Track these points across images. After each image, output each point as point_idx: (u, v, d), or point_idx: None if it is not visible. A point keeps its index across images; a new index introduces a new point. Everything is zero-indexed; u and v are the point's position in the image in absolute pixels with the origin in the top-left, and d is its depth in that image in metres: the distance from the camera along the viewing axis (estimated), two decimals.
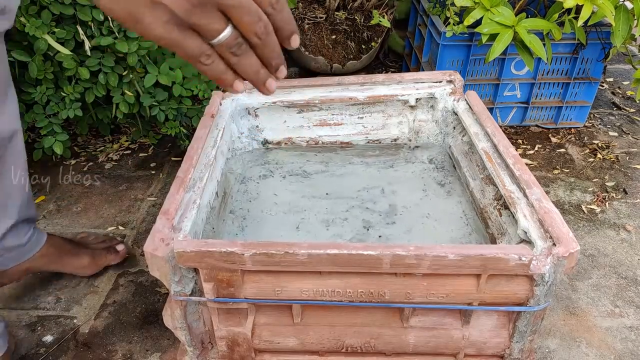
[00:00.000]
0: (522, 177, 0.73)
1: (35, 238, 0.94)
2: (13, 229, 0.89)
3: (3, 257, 0.91)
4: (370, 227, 0.86)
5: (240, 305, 0.68)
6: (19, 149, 0.86)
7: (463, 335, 0.69)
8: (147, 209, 1.22)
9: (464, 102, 0.95)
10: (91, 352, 0.89)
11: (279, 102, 0.98)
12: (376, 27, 1.61)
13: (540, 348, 0.89)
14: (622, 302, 0.98)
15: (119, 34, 1.07)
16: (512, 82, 1.45)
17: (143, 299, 0.99)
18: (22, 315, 0.96)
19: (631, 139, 1.47)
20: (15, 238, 0.91)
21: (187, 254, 0.62)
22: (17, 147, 0.85)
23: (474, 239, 0.82)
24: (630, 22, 1.18)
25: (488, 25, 1.18)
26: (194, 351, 0.73)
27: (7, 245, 0.90)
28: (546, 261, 0.61)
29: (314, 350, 0.73)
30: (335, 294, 0.66)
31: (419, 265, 0.61)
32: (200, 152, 0.80)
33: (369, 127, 1.03)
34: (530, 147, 1.44)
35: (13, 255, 0.92)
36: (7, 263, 0.93)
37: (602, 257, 1.08)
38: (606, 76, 1.81)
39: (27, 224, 0.93)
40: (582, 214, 1.19)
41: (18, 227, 0.90)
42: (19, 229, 0.91)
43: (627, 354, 0.88)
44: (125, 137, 1.48)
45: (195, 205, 0.71)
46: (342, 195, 0.93)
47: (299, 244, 0.62)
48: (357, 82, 0.98)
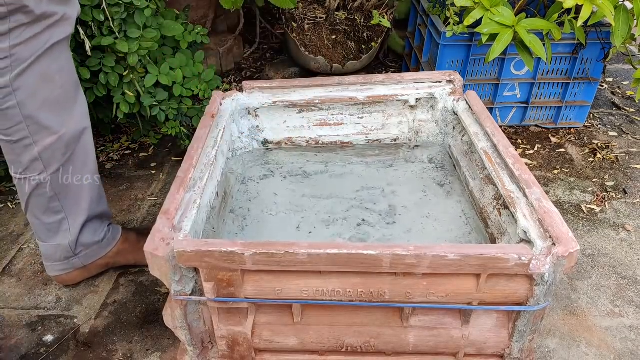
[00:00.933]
0: (522, 177, 0.73)
1: (111, 234, 0.99)
2: (87, 225, 0.94)
3: (83, 254, 0.96)
4: (370, 227, 0.86)
5: (241, 305, 0.68)
6: (88, 144, 0.91)
7: (463, 334, 0.70)
8: (148, 209, 1.22)
9: (464, 102, 0.95)
10: (91, 352, 0.90)
11: (279, 102, 0.98)
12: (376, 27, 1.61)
13: (540, 347, 0.89)
14: (622, 301, 0.98)
15: (119, 34, 1.08)
16: (512, 82, 1.45)
17: (143, 298, 0.99)
18: (22, 315, 0.96)
19: (631, 139, 1.47)
20: (91, 235, 0.96)
21: (188, 254, 0.62)
22: (86, 143, 0.90)
23: (473, 238, 0.82)
24: (630, 22, 1.18)
25: (488, 25, 1.18)
26: (194, 351, 0.73)
27: (85, 242, 0.95)
28: (546, 261, 0.61)
29: (314, 349, 0.73)
30: (335, 293, 0.66)
31: (418, 265, 0.62)
32: (200, 152, 0.80)
33: (369, 127, 1.03)
34: (530, 147, 1.44)
35: (91, 251, 0.97)
36: (87, 260, 0.98)
37: (602, 257, 1.08)
38: (606, 76, 1.81)
39: (101, 221, 0.97)
40: (581, 214, 1.20)
41: (92, 223, 0.95)
42: (94, 226, 0.96)
43: (626, 354, 0.89)
44: (125, 137, 1.48)
45: (196, 205, 0.71)
46: (342, 195, 0.93)
47: (299, 244, 0.62)
48: (357, 82, 0.99)
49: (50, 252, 0.94)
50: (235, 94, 0.97)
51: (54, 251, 0.94)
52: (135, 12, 1.07)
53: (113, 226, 1.00)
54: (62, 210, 0.91)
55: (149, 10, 1.07)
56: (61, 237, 0.93)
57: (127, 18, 1.08)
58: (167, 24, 1.16)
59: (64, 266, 0.96)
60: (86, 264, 0.97)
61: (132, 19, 1.08)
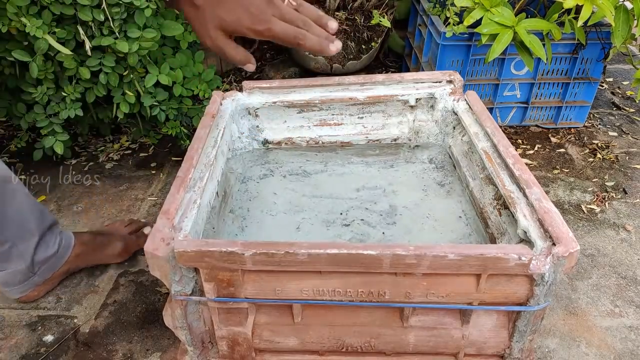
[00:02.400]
0: (522, 176, 0.73)
1: (65, 242, 0.97)
2: (40, 244, 0.93)
3: (41, 270, 0.95)
4: (370, 227, 0.86)
5: (241, 305, 0.68)
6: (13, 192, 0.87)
7: (463, 334, 0.70)
8: (148, 209, 1.23)
9: (464, 102, 0.95)
10: (91, 352, 0.90)
11: (279, 102, 0.98)
12: (376, 27, 1.61)
13: (540, 348, 0.89)
14: (622, 301, 0.98)
15: (119, 34, 1.07)
16: (511, 82, 1.45)
17: (143, 298, 0.99)
18: (22, 315, 0.96)
19: (631, 139, 1.48)
20: (45, 250, 0.94)
21: (188, 254, 0.62)
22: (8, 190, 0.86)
23: (473, 238, 0.82)
24: (630, 22, 1.18)
25: (488, 25, 1.18)
26: (194, 351, 0.73)
27: (41, 259, 0.94)
28: (546, 261, 0.61)
29: (314, 349, 0.73)
30: (335, 293, 0.66)
31: (418, 265, 0.61)
32: (200, 152, 0.80)
33: (369, 127, 1.03)
34: (530, 147, 1.44)
35: (49, 265, 0.96)
36: (47, 274, 0.96)
37: (602, 257, 1.08)
38: (606, 76, 1.81)
39: (52, 232, 0.95)
40: (581, 214, 1.20)
41: (44, 239, 0.93)
42: (46, 240, 0.94)
43: (626, 354, 0.89)
44: (125, 137, 1.48)
45: (196, 205, 0.71)
46: (342, 195, 0.93)
47: (299, 244, 0.62)
48: (357, 82, 0.99)
49: (8, 278, 0.93)
50: (235, 94, 0.97)
51: (12, 277, 0.93)
52: (135, 12, 1.07)
53: (64, 233, 0.98)
54: (7, 241, 0.89)
55: (149, 10, 1.07)
56: (15, 263, 0.91)
57: (127, 18, 1.08)
58: (167, 24, 1.16)
59: (25, 287, 0.95)
60: (47, 278, 0.96)
61: (132, 19, 1.08)
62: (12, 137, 1.44)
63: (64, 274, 1.00)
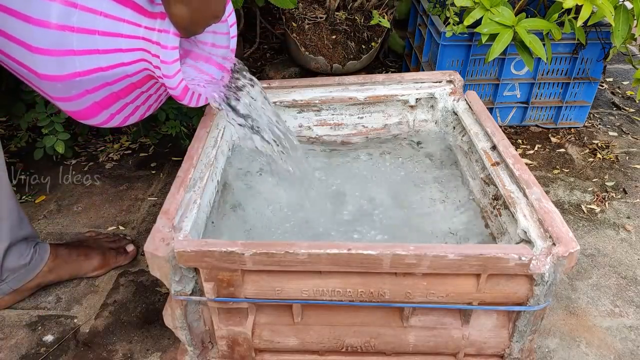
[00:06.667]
0: (522, 176, 0.73)
1: (39, 255, 0.96)
2: (11, 250, 0.91)
3: (10, 279, 0.94)
4: (371, 227, 0.86)
5: (241, 305, 0.68)
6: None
7: (463, 334, 0.70)
8: (148, 209, 1.22)
9: (464, 102, 0.95)
10: (91, 352, 0.89)
11: (279, 102, 0.98)
12: (376, 27, 1.61)
13: (540, 348, 0.89)
14: (622, 301, 0.98)
15: None
16: (511, 82, 1.45)
17: (143, 298, 0.99)
18: (22, 315, 0.96)
19: (631, 139, 1.47)
20: (17, 259, 0.93)
21: (188, 254, 0.62)
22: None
23: (473, 238, 0.82)
24: (630, 22, 1.18)
25: (488, 25, 1.18)
26: (194, 351, 0.73)
27: (11, 267, 0.93)
28: (546, 261, 0.61)
29: (314, 349, 0.73)
30: (335, 293, 0.66)
31: (419, 265, 0.62)
32: (200, 151, 0.80)
33: (369, 127, 1.03)
34: (530, 147, 1.44)
35: (19, 275, 0.94)
36: (16, 284, 0.95)
37: (602, 257, 1.08)
38: (606, 76, 1.81)
39: (27, 243, 0.94)
40: (581, 214, 1.20)
41: (17, 247, 0.92)
42: (19, 249, 0.93)
43: (626, 354, 0.89)
44: (125, 137, 1.48)
45: (196, 205, 0.71)
46: (342, 194, 0.93)
47: (299, 244, 0.62)
48: (357, 82, 0.99)
49: None
50: None
51: None
52: None
53: (40, 245, 0.97)
54: None
55: None
56: None
57: None
58: None
59: None
60: (16, 288, 0.95)
61: None
62: (12, 137, 1.44)
63: (35, 287, 0.98)
